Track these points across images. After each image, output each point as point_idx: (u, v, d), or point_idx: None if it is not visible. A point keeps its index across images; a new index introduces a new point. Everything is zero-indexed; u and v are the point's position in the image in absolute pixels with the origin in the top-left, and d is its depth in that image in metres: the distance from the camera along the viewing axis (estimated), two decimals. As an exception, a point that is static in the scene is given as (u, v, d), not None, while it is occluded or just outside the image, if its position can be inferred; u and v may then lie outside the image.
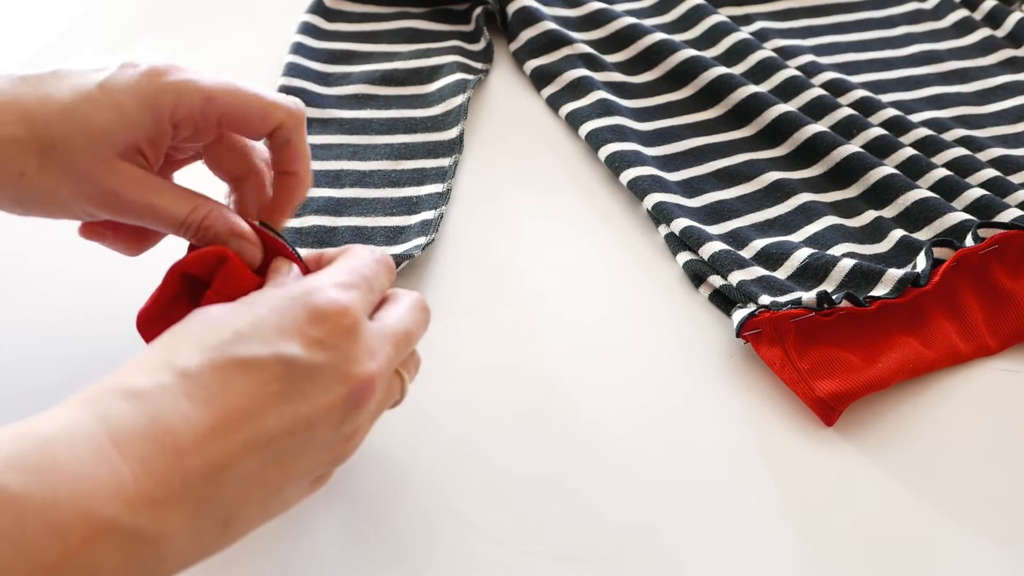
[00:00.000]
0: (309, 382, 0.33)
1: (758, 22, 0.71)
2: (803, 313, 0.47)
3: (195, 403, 0.31)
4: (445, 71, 0.64)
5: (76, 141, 0.37)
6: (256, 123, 0.40)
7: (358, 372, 0.34)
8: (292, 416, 0.33)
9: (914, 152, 0.58)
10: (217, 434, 0.31)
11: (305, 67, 0.64)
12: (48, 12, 0.73)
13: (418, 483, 0.43)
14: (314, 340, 0.33)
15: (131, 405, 0.30)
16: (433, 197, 0.56)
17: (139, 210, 0.39)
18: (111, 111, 0.38)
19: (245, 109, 0.40)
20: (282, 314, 0.34)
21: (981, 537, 0.42)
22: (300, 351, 0.33)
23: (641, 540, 0.41)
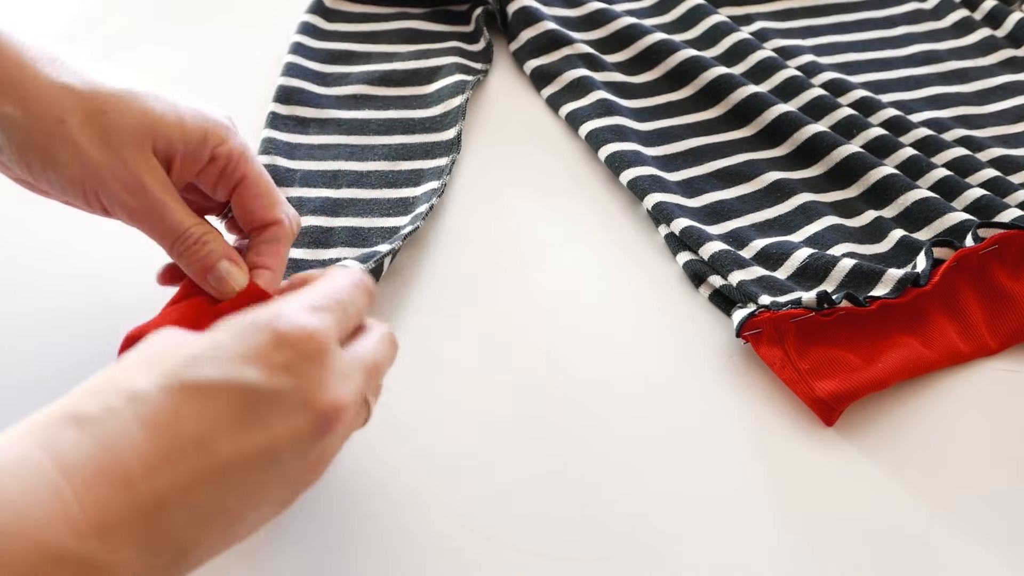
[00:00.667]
0: (269, 409, 0.31)
1: (758, 22, 0.71)
2: (803, 313, 0.47)
3: (145, 429, 0.30)
4: (444, 72, 0.64)
5: (126, 117, 0.39)
6: (263, 207, 0.43)
7: (325, 398, 0.32)
8: (250, 444, 0.31)
9: (914, 152, 0.58)
10: (167, 462, 0.30)
11: (304, 67, 0.64)
12: (47, 12, 0.73)
13: (417, 483, 0.43)
14: (277, 366, 0.32)
15: (79, 432, 0.29)
16: (428, 194, 0.56)
17: (152, 203, 0.40)
18: (172, 112, 0.41)
19: (265, 188, 0.43)
20: (244, 339, 0.32)
21: (981, 537, 0.42)
22: (260, 376, 0.31)
23: (641, 540, 0.41)
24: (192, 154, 0.41)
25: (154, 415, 0.30)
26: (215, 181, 0.43)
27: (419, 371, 0.48)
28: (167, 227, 0.40)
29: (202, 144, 0.41)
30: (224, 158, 0.42)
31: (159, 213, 0.40)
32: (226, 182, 0.43)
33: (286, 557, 0.40)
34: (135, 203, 0.40)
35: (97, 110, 0.39)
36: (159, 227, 0.40)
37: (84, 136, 0.39)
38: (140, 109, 0.40)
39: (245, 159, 0.42)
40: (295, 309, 0.33)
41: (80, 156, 0.39)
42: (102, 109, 0.39)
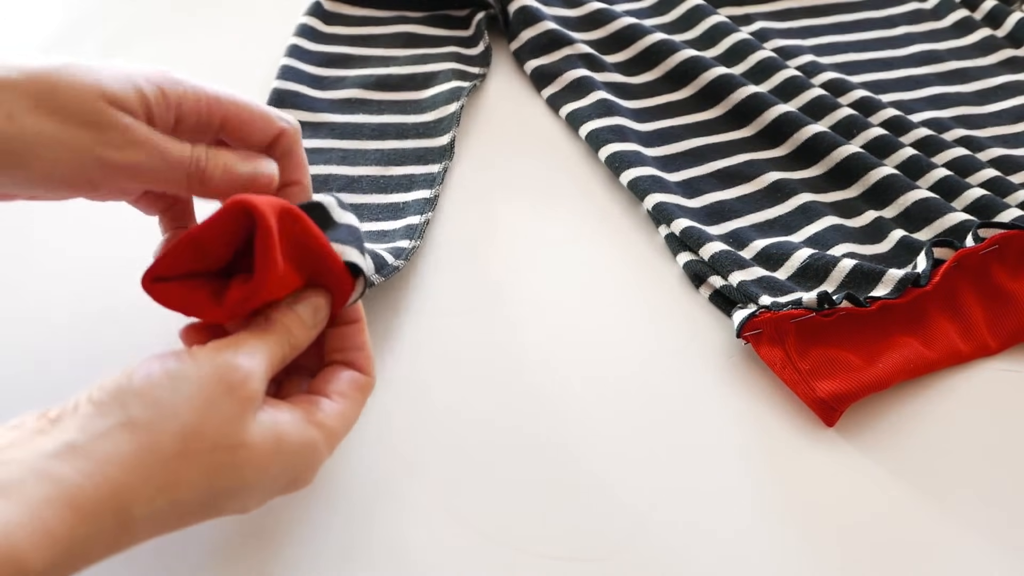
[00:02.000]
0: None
1: (758, 22, 0.71)
2: (804, 313, 0.47)
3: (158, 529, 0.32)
4: (440, 78, 0.64)
5: (77, 88, 0.36)
6: (258, 129, 0.40)
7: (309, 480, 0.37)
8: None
9: (914, 152, 0.58)
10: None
11: (299, 70, 0.64)
12: (47, 12, 0.73)
13: (417, 483, 0.43)
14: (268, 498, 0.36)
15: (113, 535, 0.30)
16: (420, 202, 0.55)
17: (149, 147, 0.37)
18: (123, 78, 0.37)
19: (249, 114, 0.39)
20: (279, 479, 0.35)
21: (981, 537, 0.42)
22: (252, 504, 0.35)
23: (641, 540, 0.41)
24: (157, 117, 0.37)
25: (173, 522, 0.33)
26: (193, 136, 0.39)
27: (419, 371, 0.48)
28: (174, 164, 0.37)
29: (161, 103, 0.37)
30: (192, 114, 0.38)
31: (159, 154, 0.37)
32: (207, 131, 0.39)
33: (285, 557, 0.40)
34: (129, 154, 0.36)
35: (45, 92, 0.35)
36: (165, 168, 0.37)
37: (39, 122, 0.35)
38: (89, 77, 0.36)
39: (216, 100, 0.39)
40: (321, 461, 0.36)
41: (41, 145, 0.35)
42: (51, 89, 0.35)
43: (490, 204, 0.58)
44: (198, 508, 0.33)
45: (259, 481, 0.34)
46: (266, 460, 0.34)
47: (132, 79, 0.37)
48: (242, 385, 0.33)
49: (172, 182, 0.38)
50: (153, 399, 0.32)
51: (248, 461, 0.33)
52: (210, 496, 0.33)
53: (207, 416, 0.32)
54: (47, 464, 0.29)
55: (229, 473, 0.33)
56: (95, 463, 0.30)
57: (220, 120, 0.39)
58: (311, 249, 0.37)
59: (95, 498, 0.29)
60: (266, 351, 0.35)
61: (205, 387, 0.33)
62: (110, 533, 0.30)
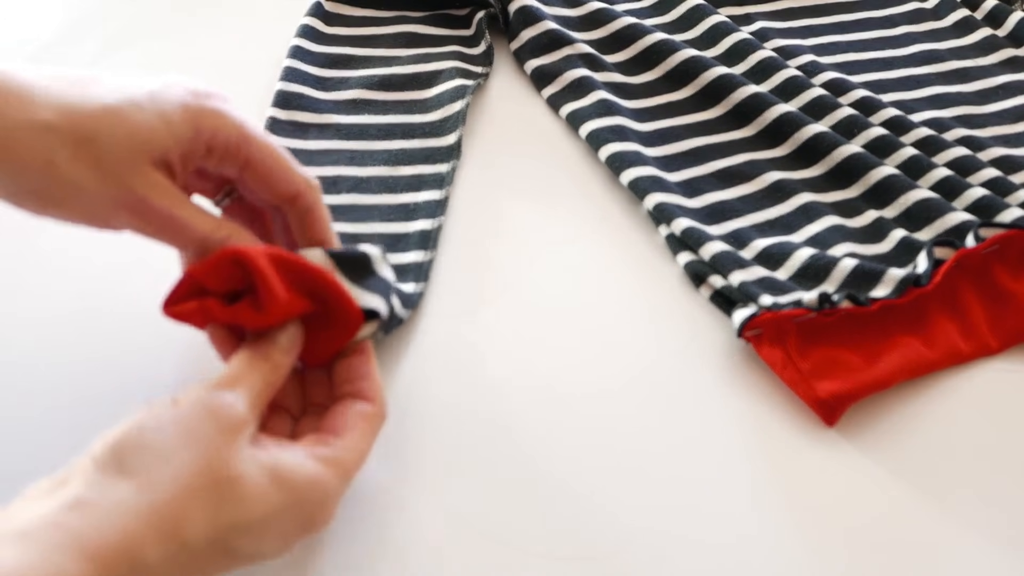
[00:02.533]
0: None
1: (758, 22, 0.71)
2: (804, 313, 0.47)
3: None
4: (444, 77, 0.64)
5: (117, 139, 0.37)
6: (277, 181, 0.41)
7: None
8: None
9: (915, 152, 0.58)
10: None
11: (303, 71, 0.64)
12: (47, 12, 0.72)
13: (418, 483, 0.43)
14: (288, 543, 0.36)
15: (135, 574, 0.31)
16: (431, 205, 0.55)
17: (164, 220, 0.39)
18: (157, 119, 0.38)
19: (273, 165, 0.41)
20: (289, 518, 0.35)
21: (982, 537, 0.42)
22: (270, 551, 0.35)
23: (641, 540, 0.41)
24: (188, 151, 0.39)
25: (189, 570, 0.33)
26: (218, 167, 0.41)
27: (419, 370, 0.48)
28: (188, 239, 0.39)
29: (195, 139, 0.39)
30: (221, 147, 0.40)
31: (174, 229, 0.39)
32: (231, 166, 0.41)
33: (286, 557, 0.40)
34: (147, 225, 0.39)
35: (84, 139, 0.37)
36: (180, 241, 0.39)
37: (78, 172, 0.37)
38: (126, 129, 0.37)
39: (245, 140, 0.40)
40: (335, 498, 0.37)
41: (80, 193, 0.37)
42: (89, 137, 0.37)
43: (490, 204, 0.58)
44: (210, 550, 0.33)
45: (266, 517, 0.34)
46: (267, 494, 0.34)
47: (166, 116, 0.38)
48: (227, 413, 0.34)
49: (191, 250, 0.40)
50: (145, 446, 0.32)
51: (249, 494, 0.33)
52: (217, 534, 0.33)
53: (197, 451, 0.33)
54: (59, 516, 0.30)
55: (232, 508, 0.33)
56: (102, 514, 0.31)
57: (244, 160, 0.40)
58: (311, 279, 0.39)
59: (106, 546, 0.30)
60: (246, 381, 0.36)
61: (191, 424, 0.33)
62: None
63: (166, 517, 0.31)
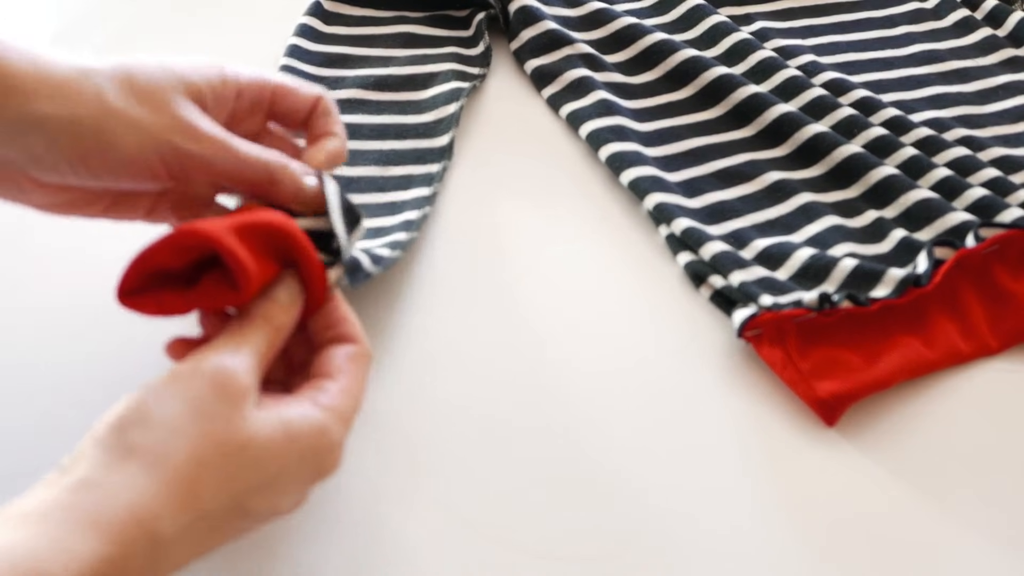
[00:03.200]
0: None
1: (758, 22, 0.71)
2: (804, 313, 0.47)
3: (192, 545, 0.32)
4: (440, 79, 0.64)
5: (152, 71, 0.38)
6: (300, 97, 0.43)
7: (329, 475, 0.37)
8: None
9: (915, 152, 0.58)
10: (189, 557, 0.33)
11: (299, 70, 0.64)
12: (47, 12, 0.73)
13: (417, 483, 0.43)
14: (302, 495, 0.37)
15: (148, 556, 0.31)
16: (418, 199, 0.55)
17: (219, 142, 0.39)
18: (185, 63, 0.40)
19: (291, 87, 0.43)
20: (301, 469, 0.35)
21: (982, 537, 0.42)
22: (287, 503, 0.36)
23: (641, 540, 0.41)
24: (218, 95, 0.40)
25: (207, 534, 0.33)
26: (248, 114, 0.42)
27: (419, 370, 0.48)
28: (242, 161, 0.39)
29: (223, 82, 0.40)
30: (249, 86, 0.41)
31: (229, 150, 0.39)
32: (259, 108, 0.42)
33: (284, 558, 0.40)
34: (202, 149, 0.38)
35: (124, 75, 0.38)
36: (233, 164, 0.39)
37: (128, 102, 0.37)
38: (159, 66, 0.39)
39: (265, 77, 0.42)
40: (340, 441, 0.37)
41: (132, 124, 0.37)
42: (128, 73, 0.38)
43: (490, 204, 0.58)
44: (228, 516, 0.33)
45: (281, 474, 0.34)
46: (281, 451, 0.34)
47: (195, 66, 0.40)
48: (230, 382, 0.34)
49: (236, 178, 0.40)
50: (148, 421, 0.32)
51: (263, 455, 0.33)
52: (234, 500, 0.33)
53: (204, 422, 0.32)
54: (66, 498, 0.30)
55: (247, 473, 0.33)
56: (108, 492, 0.30)
57: (271, 95, 0.42)
58: (277, 238, 0.38)
59: (116, 521, 0.30)
60: (249, 344, 0.36)
61: (194, 395, 0.33)
62: (144, 556, 0.30)
63: (179, 491, 0.31)
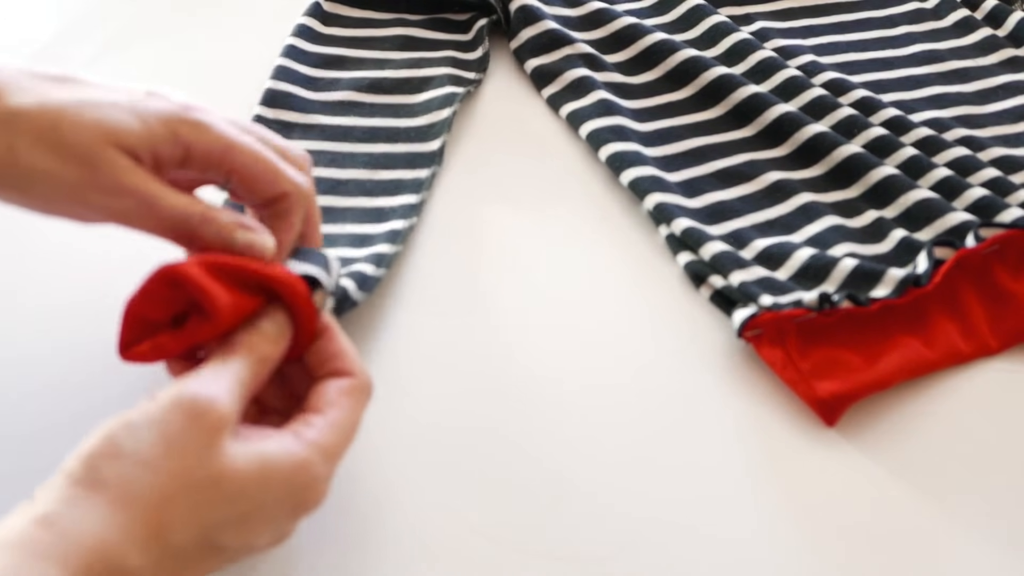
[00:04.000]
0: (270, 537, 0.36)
1: (758, 22, 0.71)
2: (804, 314, 0.47)
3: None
4: (435, 83, 0.63)
5: (82, 125, 0.36)
6: (263, 186, 0.40)
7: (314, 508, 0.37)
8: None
9: (915, 152, 0.58)
10: None
11: (294, 71, 0.64)
12: (47, 12, 0.72)
13: (417, 483, 0.43)
14: (280, 532, 0.36)
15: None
16: (405, 208, 0.55)
17: (137, 198, 0.37)
18: (132, 116, 0.37)
19: (260, 171, 0.40)
20: (276, 507, 0.34)
21: (982, 537, 0.42)
22: (263, 542, 0.35)
23: (641, 540, 0.41)
24: (160, 156, 0.38)
25: (177, 570, 0.32)
26: (201, 176, 0.40)
27: (419, 370, 0.48)
28: (162, 216, 0.37)
29: (172, 144, 0.38)
30: (202, 158, 0.39)
31: (147, 205, 0.37)
32: (215, 175, 0.40)
33: (284, 557, 0.40)
34: (118, 203, 0.37)
35: (48, 127, 0.36)
36: (153, 219, 0.37)
37: (38, 158, 0.36)
38: (94, 118, 0.36)
39: (229, 149, 0.39)
40: (322, 478, 0.36)
41: (43, 178, 0.36)
42: (54, 125, 0.36)
43: (490, 203, 0.58)
44: (200, 551, 0.32)
45: (255, 511, 0.33)
46: (256, 487, 0.33)
47: (143, 117, 0.37)
48: (206, 413, 0.33)
49: (160, 232, 0.38)
50: (118, 454, 0.31)
51: (236, 491, 0.33)
52: (204, 534, 0.32)
53: (175, 455, 0.32)
54: (31, 530, 0.30)
55: (219, 508, 0.32)
56: (72, 527, 0.30)
57: (228, 169, 0.39)
58: (253, 275, 0.38)
59: (79, 555, 0.29)
60: (229, 372, 0.35)
61: (168, 427, 0.32)
62: None
63: (147, 525, 0.31)
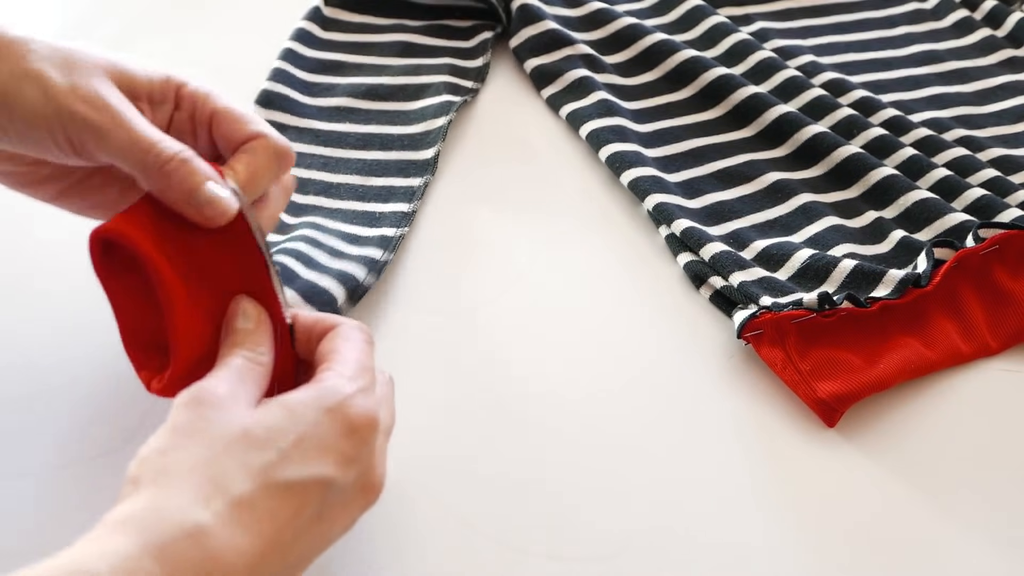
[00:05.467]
0: (341, 502, 0.35)
1: (758, 22, 0.71)
2: (804, 314, 0.47)
3: (246, 532, 0.32)
4: (432, 91, 0.63)
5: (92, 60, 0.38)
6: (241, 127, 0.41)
7: (377, 481, 0.37)
8: (323, 536, 0.35)
9: (914, 152, 0.58)
10: (264, 561, 0.32)
11: (291, 74, 0.63)
12: (47, 12, 0.73)
13: (418, 483, 0.43)
14: (346, 457, 0.35)
15: (190, 541, 0.30)
16: (396, 215, 0.54)
17: (116, 116, 0.37)
18: (132, 62, 0.40)
19: (240, 112, 0.41)
20: (319, 429, 0.35)
21: (981, 537, 0.42)
22: (335, 472, 0.34)
23: (641, 540, 0.41)
24: (158, 98, 0.40)
25: (254, 520, 0.32)
26: (190, 125, 0.41)
27: (419, 371, 0.48)
28: (135, 141, 0.37)
29: (165, 87, 0.40)
30: (189, 99, 0.41)
31: (127, 127, 0.37)
32: (200, 122, 0.41)
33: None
34: (99, 117, 0.37)
35: (62, 50, 0.38)
36: (127, 142, 0.37)
37: (48, 68, 0.37)
38: (102, 56, 0.39)
39: (212, 96, 0.41)
40: (355, 392, 0.36)
41: (43, 85, 0.37)
42: (67, 51, 0.38)
43: (490, 203, 0.58)
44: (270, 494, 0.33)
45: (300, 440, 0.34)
46: (287, 421, 0.34)
47: (142, 64, 0.40)
48: (203, 394, 0.34)
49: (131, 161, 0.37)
50: (143, 459, 0.33)
51: (269, 431, 0.34)
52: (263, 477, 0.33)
53: (192, 431, 0.33)
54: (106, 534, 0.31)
55: (261, 450, 0.33)
56: (128, 515, 0.31)
57: (211, 112, 0.41)
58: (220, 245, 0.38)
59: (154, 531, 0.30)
60: (220, 366, 0.36)
61: (176, 421, 0.34)
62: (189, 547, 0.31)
63: (196, 487, 0.32)
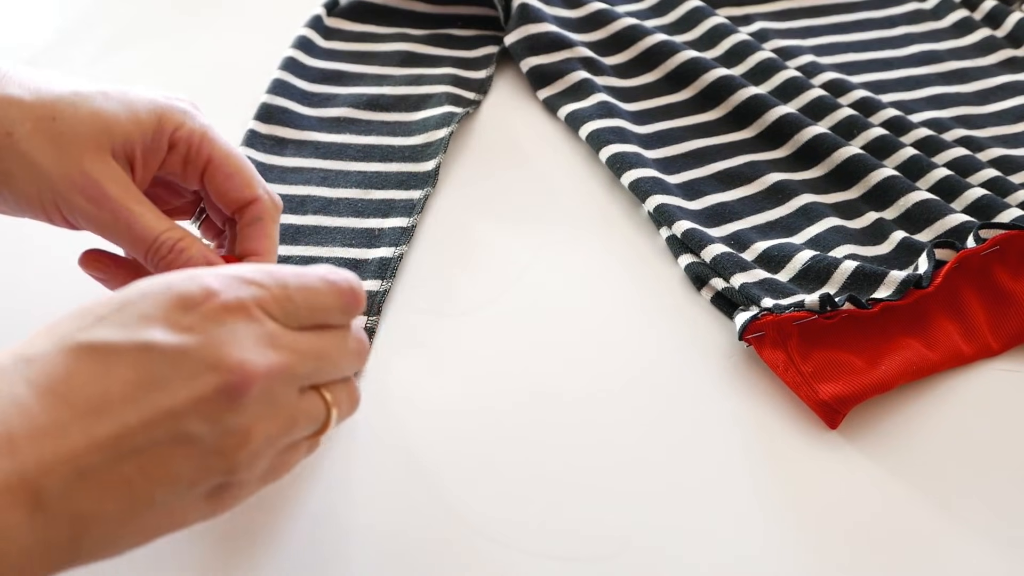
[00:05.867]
0: (172, 369, 0.30)
1: (758, 23, 0.71)
2: (806, 316, 0.47)
3: (36, 391, 0.28)
4: (433, 101, 0.62)
5: (79, 118, 0.37)
6: (235, 186, 0.41)
7: (231, 359, 0.30)
8: (150, 407, 0.29)
9: (915, 152, 0.58)
10: (56, 427, 0.28)
11: (292, 85, 0.63)
12: (47, 12, 0.72)
13: (418, 483, 0.43)
14: (182, 326, 0.30)
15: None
16: (395, 232, 0.54)
17: (116, 210, 0.38)
18: (122, 107, 0.38)
19: (234, 167, 0.41)
20: (151, 299, 0.31)
21: (983, 537, 0.42)
22: (162, 336, 0.30)
23: (641, 541, 0.41)
24: (151, 146, 0.39)
25: (46, 378, 0.29)
26: (181, 169, 0.41)
27: (420, 371, 0.48)
28: (137, 236, 0.38)
29: (159, 132, 0.39)
30: (184, 142, 0.40)
31: (125, 222, 0.38)
32: (193, 168, 0.40)
33: (285, 557, 0.40)
34: (98, 212, 0.38)
35: (46, 117, 0.37)
36: (128, 237, 0.38)
37: (35, 146, 0.37)
38: (90, 111, 0.38)
39: (208, 139, 0.40)
40: (210, 274, 0.32)
41: (33, 168, 0.37)
42: (51, 116, 0.37)
43: (490, 204, 0.58)
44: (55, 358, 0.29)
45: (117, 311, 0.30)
46: (118, 295, 0.31)
47: (132, 106, 0.39)
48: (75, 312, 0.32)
49: (132, 250, 0.39)
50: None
51: (93, 304, 0.31)
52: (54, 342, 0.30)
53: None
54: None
55: (76, 318, 0.30)
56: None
57: (206, 159, 0.40)
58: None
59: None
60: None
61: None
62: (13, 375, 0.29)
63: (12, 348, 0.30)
